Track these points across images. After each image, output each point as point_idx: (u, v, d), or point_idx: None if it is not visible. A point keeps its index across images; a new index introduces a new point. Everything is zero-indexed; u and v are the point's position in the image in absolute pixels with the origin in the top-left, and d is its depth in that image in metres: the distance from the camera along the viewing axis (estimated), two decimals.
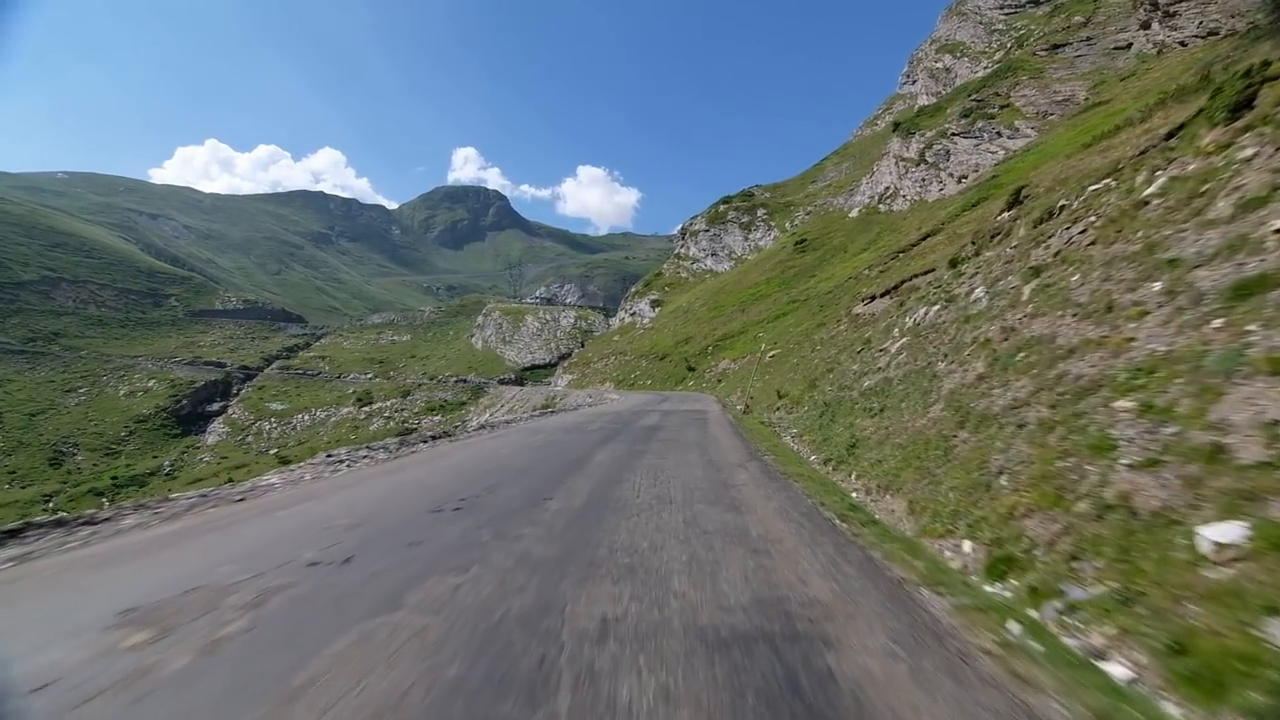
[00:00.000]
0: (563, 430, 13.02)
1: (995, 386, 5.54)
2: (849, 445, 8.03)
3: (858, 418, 8.59)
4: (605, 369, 70.88)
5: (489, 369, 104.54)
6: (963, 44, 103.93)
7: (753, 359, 18.89)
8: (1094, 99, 45.67)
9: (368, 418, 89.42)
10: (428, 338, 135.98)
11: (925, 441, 6.19)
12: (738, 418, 17.53)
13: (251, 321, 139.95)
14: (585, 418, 17.88)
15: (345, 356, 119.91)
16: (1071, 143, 35.07)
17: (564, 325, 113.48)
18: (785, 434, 12.49)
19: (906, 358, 8.92)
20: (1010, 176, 35.48)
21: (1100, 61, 55.30)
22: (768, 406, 19.10)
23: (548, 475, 7.68)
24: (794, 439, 11.42)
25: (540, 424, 15.67)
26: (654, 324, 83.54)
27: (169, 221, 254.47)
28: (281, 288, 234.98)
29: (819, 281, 52.03)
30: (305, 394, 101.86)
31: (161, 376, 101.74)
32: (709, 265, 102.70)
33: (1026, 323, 5.92)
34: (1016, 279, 7.21)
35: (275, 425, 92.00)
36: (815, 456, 9.01)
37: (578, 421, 16.10)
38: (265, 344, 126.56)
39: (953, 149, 59.03)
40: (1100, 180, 8.14)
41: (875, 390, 8.95)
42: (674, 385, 50.93)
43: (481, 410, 72.71)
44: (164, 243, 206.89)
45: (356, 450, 9.02)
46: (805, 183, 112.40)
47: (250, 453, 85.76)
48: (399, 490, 7.00)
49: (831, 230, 72.98)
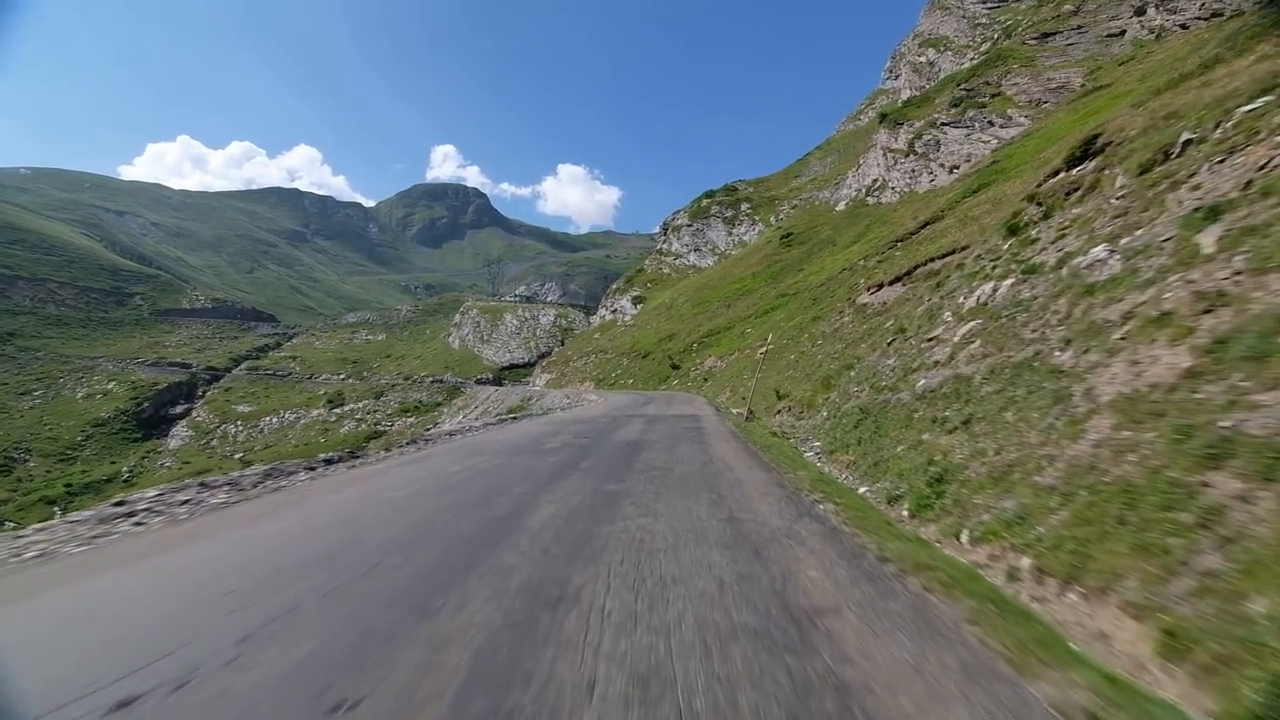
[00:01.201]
0: (511, 450, 9.58)
1: (1240, 388, 3.35)
2: (932, 478, 5.54)
3: (925, 432, 6.29)
4: (585, 368, 68.31)
5: (466, 369, 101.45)
6: (946, 38, 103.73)
7: (755, 351, 14.94)
8: (1092, 84, 44.02)
9: (338, 420, 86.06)
10: (404, 337, 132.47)
11: (1127, 492, 3.46)
12: (739, 426, 13.89)
13: (220, 321, 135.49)
14: (550, 427, 14.18)
15: (317, 357, 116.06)
16: (1074, 125, 33.24)
17: (544, 323, 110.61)
18: (804, 447, 10.04)
19: (983, 347, 6.60)
20: (1012, 162, 33.59)
21: (1094, 49, 53.95)
22: (766, 409, 16.75)
23: (416, 578, 3.87)
24: (821, 457, 8.91)
25: (487, 439, 11.54)
26: (636, 321, 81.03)
27: (136, 219, 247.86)
28: (254, 287, 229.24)
29: (808, 275, 49.96)
30: (274, 396, 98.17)
31: (122, 378, 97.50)
32: (692, 260, 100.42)
33: (1246, 283, 3.64)
34: (1172, 229, 4.93)
35: (242, 428, 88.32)
36: (867, 489, 6.61)
37: (539, 433, 12.62)
38: (234, 344, 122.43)
39: (943, 139, 57.34)
40: (1253, 100, 5.88)
41: (944, 393, 6.59)
42: (657, 384, 48.52)
43: (455, 411, 69.84)
44: (131, 240, 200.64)
45: (179, 491, 6.26)
46: (789, 177, 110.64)
47: (215, 457, 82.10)
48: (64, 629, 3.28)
49: (818, 224, 71.09)
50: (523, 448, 10.15)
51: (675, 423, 14.60)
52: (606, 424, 14.55)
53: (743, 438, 11.63)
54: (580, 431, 12.82)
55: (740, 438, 11.62)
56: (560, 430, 13.18)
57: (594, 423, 15.13)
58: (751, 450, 9.91)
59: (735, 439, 11.42)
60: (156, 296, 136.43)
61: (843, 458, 8.05)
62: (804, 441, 10.59)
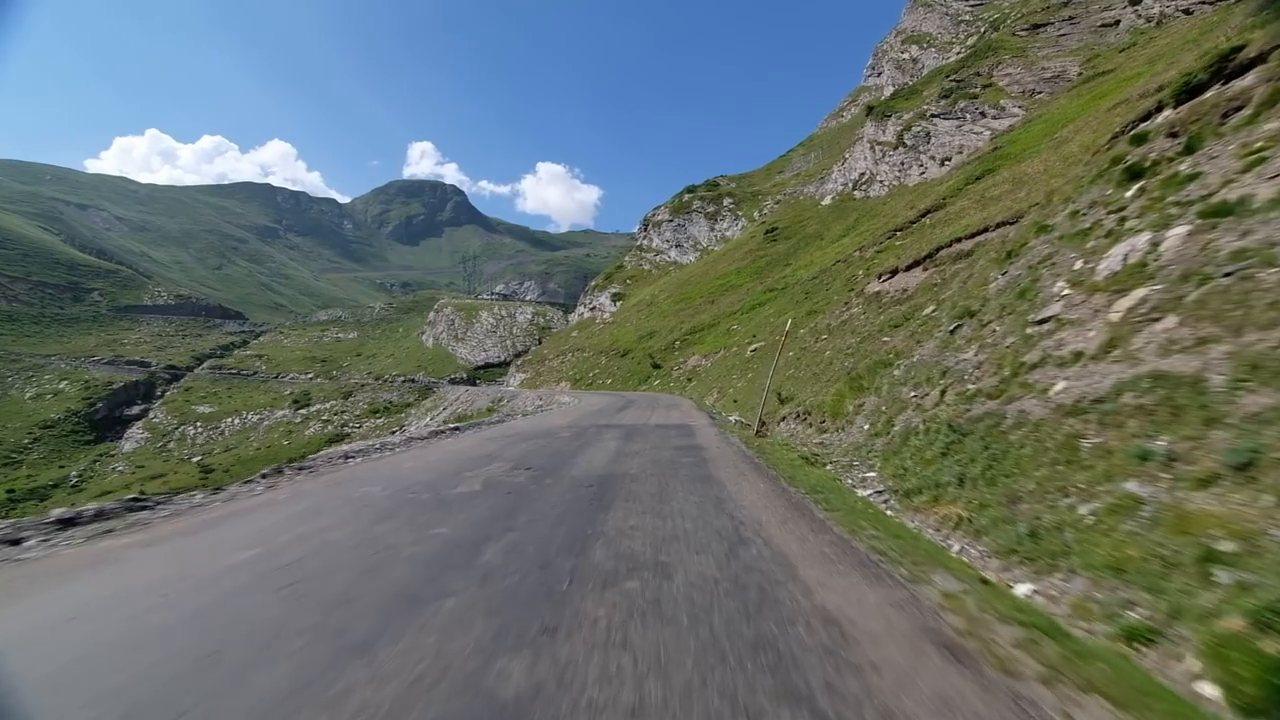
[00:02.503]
0: (392, 502, 5.76)
1: None
2: (1252, 608, 2.72)
3: (1128, 476, 3.58)
4: (561, 367, 65.47)
5: (440, 368, 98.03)
6: (929, 35, 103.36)
7: (779, 341, 11.21)
8: (1091, 71, 42.32)
9: (304, 421, 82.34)
10: (376, 335, 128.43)
11: None
12: (749, 443, 10.21)
13: (184, 318, 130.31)
14: (492, 444, 10.36)
15: (285, 355, 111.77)
16: (1083, 109, 31.40)
17: (520, 322, 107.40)
18: (851, 478, 7.23)
19: (1190, 328, 4.02)
20: (1016, 147, 31.65)
21: (1088, 39, 52.57)
22: (768, 416, 14.21)
23: None
24: (891, 501, 6.09)
25: (387, 469, 7.80)
26: (615, 318, 78.27)
27: (99, 212, 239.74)
28: (222, 283, 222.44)
29: (797, 269, 47.72)
30: (237, 396, 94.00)
31: (75, 377, 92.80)
32: (673, 257, 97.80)
33: None
34: None
35: (201, 430, 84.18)
36: (1033, 589, 3.86)
37: (469, 456, 8.93)
38: (198, 342, 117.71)
39: (933, 131, 55.57)
40: None
41: (1132, 406, 3.94)
42: (637, 385, 45.94)
43: (424, 413, 66.63)
44: (93, 234, 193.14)
45: None
46: (772, 173, 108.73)
47: (171, 460, 78.13)
48: None
49: (804, 218, 69.05)
50: (436, 481, 6.84)
51: (661, 438, 11.00)
52: (569, 440, 10.88)
53: (764, 466, 8.05)
54: (528, 454, 9.04)
55: (761, 467, 8.01)
56: (502, 450, 9.48)
57: (553, 437, 11.38)
58: (798, 501, 6.11)
59: (756, 471, 7.71)
60: (116, 292, 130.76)
61: (940, 510, 5.22)
62: (847, 469, 7.62)
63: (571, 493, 6.36)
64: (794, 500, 6.19)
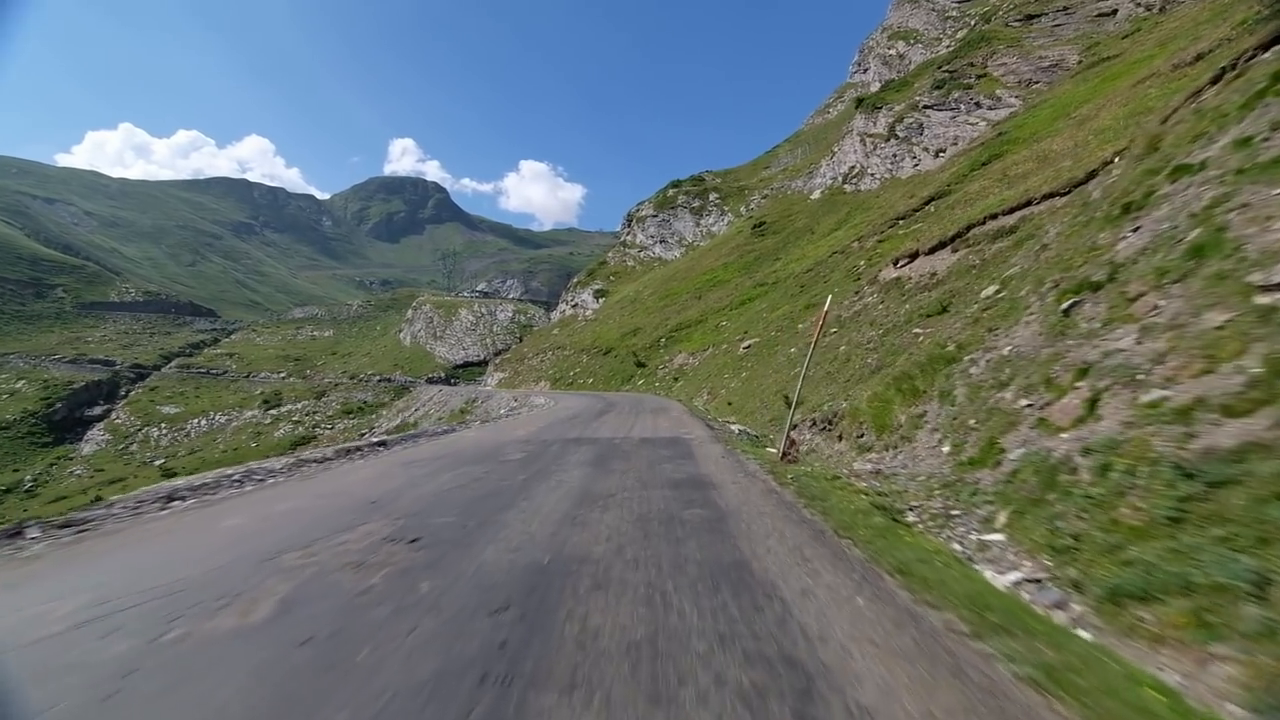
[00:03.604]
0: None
1: None
2: None
3: None
4: (540, 366, 62.97)
5: (417, 367, 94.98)
6: (916, 31, 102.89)
7: (817, 322, 7.58)
8: (1094, 58, 40.72)
9: (274, 422, 79.12)
10: (352, 333, 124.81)
11: None
12: (780, 473, 7.01)
13: (153, 315, 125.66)
14: (403, 476, 7.19)
15: (257, 354, 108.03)
16: (1095, 91, 29.73)
17: (501, 319, 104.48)
18: (957, 539, 4.81)
19: None
20: (1025, 131, 29.86)
21: (1085, 28, 51.25)
22: (772, 423, 12.04)
23: None
24: (1080, 616, 3.39)
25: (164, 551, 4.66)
26: (598, 315, 75.83)
27: (68, 207, 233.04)
28: (196, 280, 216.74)
29: (788, 263, 45.74)
30: (205, 396, 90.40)
31: (34, 376, 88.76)
32: (658, 253, 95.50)
33: None
34: None
35: (166, 432, 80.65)
36: None
37: (349, 504, 5.75)
38: (166, 340, 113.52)
39: (926, 122, 53.92)
40: None
41: None
42: (620, 385, 43.65)
43: (395, 414, 63.89)
44: (59, 229, 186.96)
45: None
46: (758, 168, 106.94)
47: (133, 464, 74.58)
48: None
49: (792, 212, 67.22)
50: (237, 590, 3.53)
51: (648, 461, 8.01)
52: (516, 468, 7.76)
53: (825, 528, 4.88)
54: (437, 502, 5.77)
55: (822, 530, 4.83)
56: (401, 492, 6.26)
57: (496, 462, 8.28)
58: (969, 663, 2.74)
59: (817, 540, 4.57)
60: (82, 289, 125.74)
61: (1229, 659, 2.54)
62: (943, 523, 5.11)
63: (442, 655, 2.73)
64: (959, 659, 2.77)
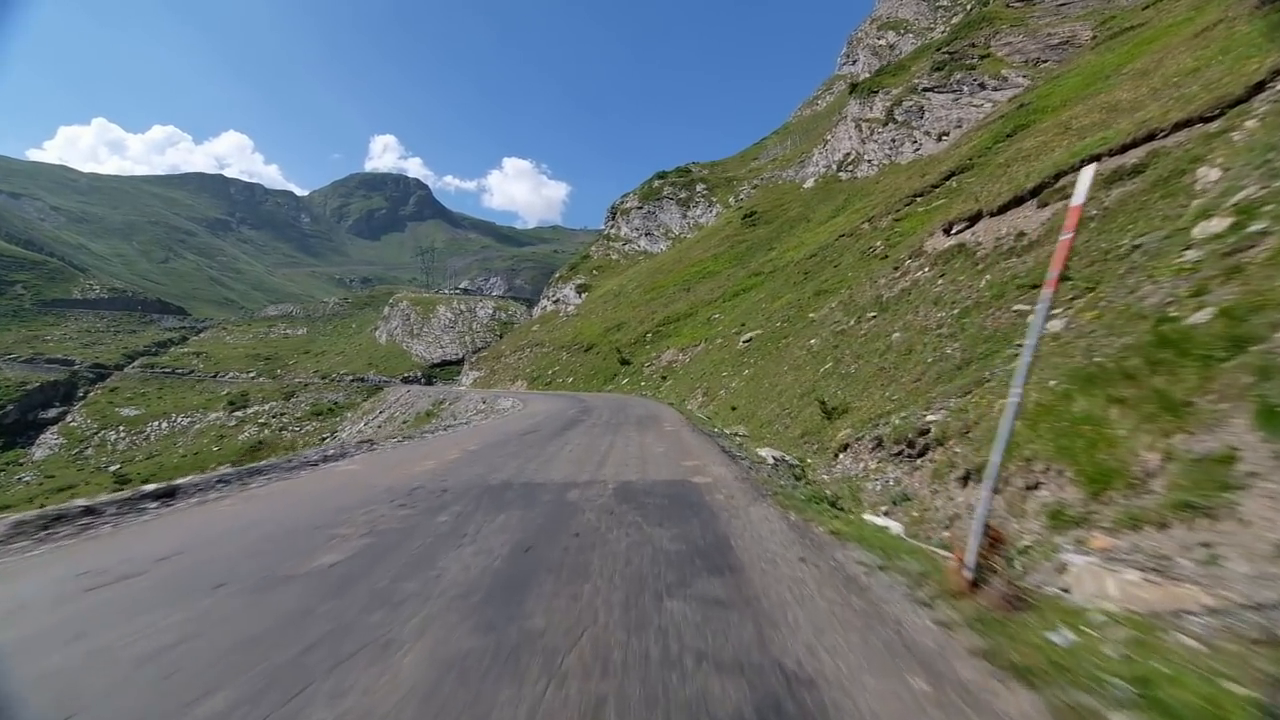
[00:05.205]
0: None
1: None
2: None
3: None
4: (518, 364, 59.30)
5: (393, 366, 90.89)
6: (905, 21, 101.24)
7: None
8: (1111, 31, 37.72)
9: (238, 425, 74.82)
10: (327, 331, 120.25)
11: None
12: (988, 638, 2.71)
13: (118, 313, 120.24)
14: None
15: (226, 353, 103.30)
16: (1134, 53, 26.75)
17: (481, 317, 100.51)
18: None
19: None
20: (1050, 100, 26.76)
21: (1094, 4, 48.40)
22: (802, 438, 8.74)
23: None
24: None
25: None
26: (580, 311, 72.19)
27: (34, 202, 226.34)
28: (168, 277, 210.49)
29: (785, 251, 42.57)
30: (168, 397, 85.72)
31: None
32: (643, 246, 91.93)
33: None
34: None
35: (124, 435, 76.04)
36: None
37: None
38: (132, 338, 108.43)
39: (926, 105, 50.97)
40: None
41: None
42: (602, 384, 40.15)
43: (360, 417, 59.85)
44: (24, 225, 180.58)
45: None
46: (747, 160, 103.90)
47: (86, 469, 69.89)
48: None
49: (785, 202, 64.13)
50: None
51: (631, 580, 3.53)
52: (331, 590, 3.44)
53: None
54: None
55: None
56: None
57: (304, 577, 3.66)
58: None
59: None
60: (42, 285, 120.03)
61: None
62: None
63: None
64: None
